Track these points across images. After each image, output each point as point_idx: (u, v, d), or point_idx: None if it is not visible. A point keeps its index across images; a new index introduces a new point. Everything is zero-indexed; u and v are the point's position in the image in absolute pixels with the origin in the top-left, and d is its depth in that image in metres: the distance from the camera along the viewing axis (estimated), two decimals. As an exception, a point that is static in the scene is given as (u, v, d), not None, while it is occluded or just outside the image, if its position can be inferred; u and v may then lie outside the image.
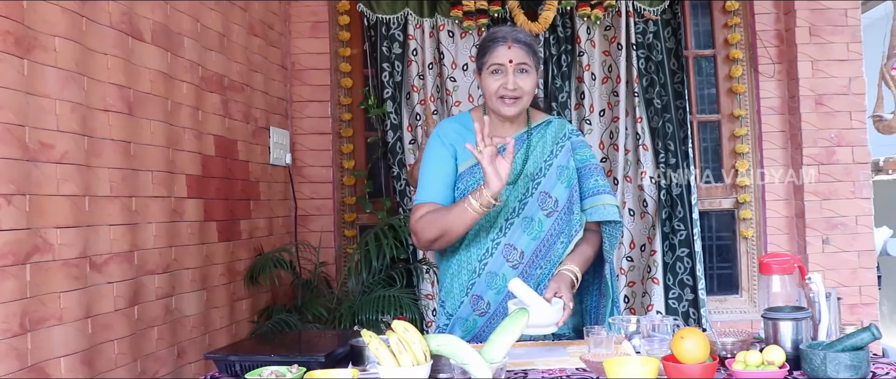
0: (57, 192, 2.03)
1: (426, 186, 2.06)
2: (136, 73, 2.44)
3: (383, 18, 3.87)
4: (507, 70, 1.99)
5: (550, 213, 2.06)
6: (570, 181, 2.09)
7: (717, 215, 4.03)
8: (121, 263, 2.32)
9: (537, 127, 2.13)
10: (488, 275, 2.06)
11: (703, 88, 4.05)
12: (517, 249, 2.05)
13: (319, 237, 3.80)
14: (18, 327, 1.87)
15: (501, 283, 2.05)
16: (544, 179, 2.08)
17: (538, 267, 2.07)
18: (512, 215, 2.06)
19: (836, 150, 3.77)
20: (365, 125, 4.03)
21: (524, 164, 2.08)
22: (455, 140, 2.08)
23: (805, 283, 1.72)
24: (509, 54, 2.00)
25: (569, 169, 2.09)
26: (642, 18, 3.84)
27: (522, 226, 2.05)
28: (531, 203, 2.06)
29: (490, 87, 2.02)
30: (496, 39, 2.02)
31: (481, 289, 2.07)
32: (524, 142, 2.10)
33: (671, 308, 3.76)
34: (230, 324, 3.06)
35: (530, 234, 2.06)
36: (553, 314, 1.68)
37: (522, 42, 2.02)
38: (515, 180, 2.06)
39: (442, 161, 2.07)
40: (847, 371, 1.47)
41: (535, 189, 2.07)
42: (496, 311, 2.06)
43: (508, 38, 2.01)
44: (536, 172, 2.08)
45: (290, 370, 1.58)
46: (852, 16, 3.79)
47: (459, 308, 2.09)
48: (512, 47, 2.00)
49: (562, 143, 2.12)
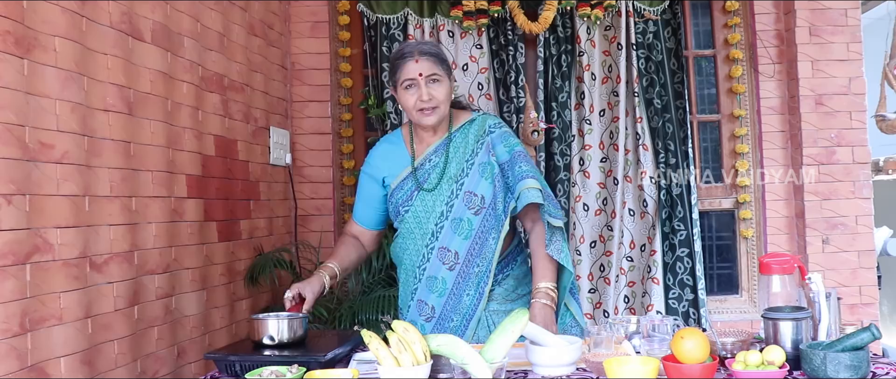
0: (57, 192, 2.03)
1: (356, 205, 2.34)
2: (136, 73, 2.44)
3: (383, 18, 3.87)
4: (419, 83, 2.07)
5: (478, 210, 2.11)
6: (492, 176, 2.12)
7: (717, 215, 4.03)
8: (121, 263, 2.32)
9: (459, 129, 2.19)
10: (428, 279, 2.13)
11: (703, 88, 4.05)
12: (451, 250, 2.11)
13: (319, 237, 3.80)
14: (18, 327, 1.87)
15: (441, 286, 2.12)
16: (467, 179, 2.13)
17: (475, 265, 2.12)
18: (441, 219, 2.12)
19: (836, 150, 3.77)
20: (365, 125, 4.03)
21: (445, 168, 2.14)
22: (380, 165, 2.24)
23: (805, 283, 1.73)
24: (418, 68, 2.07)
25: (490, 165, 2.13)
26: (642, 18, 3.84)
27: (452, 227, 2.11)
28: (458, 204, 2.11)
29: (407, 103, 2.10)
30: (404, 55, 2.10)
31: (424, 294, 2.14)
32: (444, 147, 2.17)
33: (671, 308, 3.76)
34: (230, 324, 3.06)
35: (461, 234, 2.11)
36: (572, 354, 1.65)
37: (428, 53, 2.09)
38: (436, 185, 2.13)
39: (366, 189, 2.29)
40: (847, 371, 1.47)
41: (460, 190, 2.12)
42: (441, 314, 2.13)
43: (414, 52, 2.09)
44: (459, 174, 2.14)
45: (290, 370, 1.58)
46: (852, 16, 3.79)
47: (409, 312, 2.18)
48: (419, 61, 2.07)
49: (482, 141, 2.16)
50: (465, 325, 2.12)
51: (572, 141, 3.84)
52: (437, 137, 2.18)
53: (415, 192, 2.14)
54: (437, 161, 2.15)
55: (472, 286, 2.11)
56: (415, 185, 2.14)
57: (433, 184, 2.13)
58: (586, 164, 3.83)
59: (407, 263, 2.19)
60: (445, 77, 2.11)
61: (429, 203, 2.12)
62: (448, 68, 2.14)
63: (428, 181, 2.14)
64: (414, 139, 2.21)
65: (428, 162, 2.17)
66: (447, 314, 2.12)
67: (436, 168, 2.14)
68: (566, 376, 1.63)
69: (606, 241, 3.80)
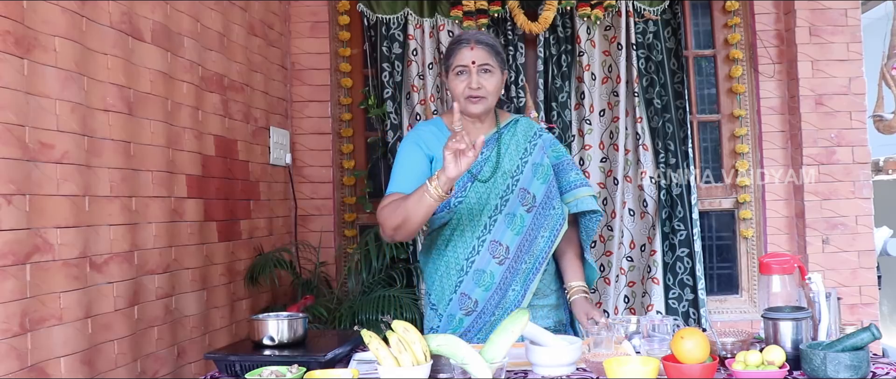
0: (57, 192, 2.03)
1: (396, 180, 2.11)
2: (136, 73, 2.44)
3: (383, 18, 3.87)
4: (471, 71, 2.08)
5: (530, 208, 2.14)
6: (547, 177, 2.18)
7: (717, 215, 4.03)
8: (121, 263, 2.32)
9: (506, 126, 2.21)
10: (476, 272, 2.11)
11: (703, 88, 4.05)
12: (502, 244, 2.11)
13: (319, 237, 3.80)
14: (18, 327, 1.87)
15: (488, 280, 2.10)
16: (522, 176, 2.15)
17: (523, 262, 2.13)
18: (495, 212, 2.12)
19: (836, 150, 3.77)
20: (365, 125, 4.03)
21: (498, 161, 2.15)
22: (429, 142, 2.15)
23: (805, 283, 1.72)
24: (472, 55, 2.09)
25: (543, 166, 2.18)
26: (642, 18, 3.84)
27: (506, 221, 2.12)
28: (512, 199, 2.13)
29: (456, 89, 2.11)
30: (460, 41, 2.12)
31: (469, 287, 2.11)
32: (495, 141, 2.18)
33: (671, 308, 3.76)
34: (230, 324, 3.06)
35: (513, 229, 2.12)
36: (572, 354, 1.66)
37: (484, 43, 2.12)
38: (490, 177, 2.13)
39: (414, 158, 2.13)
40: (847, 371, 1.47)
41: (515, 186, 2.14)
42: (484, 308, 2.11)
43: (471, 39, 2.11)
44: (514, 170, 2.16)
45: (290, 370, 1.58)
46: (852, 16, 3.79)
47: (448, 306, 2.14)
48: (474, 48, 2.09)
49: (534, 142, 2.21)
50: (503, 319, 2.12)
51: (572, 141, 3.84)
52: (485, 130, 2.18)
53: (469, 182, 2.12)
54: (488, 154, 2.15)
55: (519, 282, 2.12)
56: (469, 175, 2.12)
57: (487, 175, 2.13)
58: (586, 164, 3.83)
59: (451, 255, 2.14)
60: (498, 69, 2.13)
61: (483, 195, 2.12)
62: (502, 61, 2.16)
63: (481, 172, 2.14)
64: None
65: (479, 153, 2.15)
66: (489, 309, 2.11)
67: (488, 161, 2.15)
68: (566, 376, 1.63)
69: (606, 241, 3.81)
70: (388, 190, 2.11)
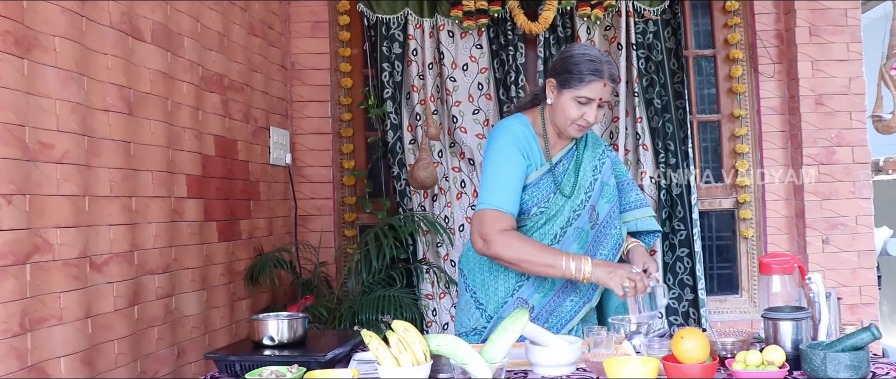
0: (57, 192, 2.03)
1: (501, 192, 2.02)
2: (136, 73, 2.44)
3: (383, 18, 3.87)
4: (593, 105, 2.02)
5: (594, 225, 2.17)
6: (612, 198, 2.20)
7: (717, 215, 4.03)
8: (121, 263, 2.32)
9: (581, 139, 2.20)
10: (538, 280, 2.12)
11: (703, 88, 4.05)
12: None
13: (319, 237, 3.80)
14: (18, 327, 1.87)
15: (549, 286, 2.12)
16: (594, 193, 2.17)
17: None
18: (566, 224, 2.12)
19: (836, 150, 3.77)
20: (365, 125, 4.03)
21: (577, 176, 2.15)
22: (524, 146, 2.09)
23: (805, 283, 1.72)
24: (602, 92, 2.02)
25: (610, 186, 2.20)
26: (642, 18, 3.84)
27: (575, 234, 2.13)
28: (583, 214, 2.14)
29: (570, 113, 2.03)
30: (597, 72, 2.00)
31: (528, 292, 2.13)
32: (573, 154, 2.18)
33: (671, 308, 3.76)
34: (230, 324, 3.06)
35: (579, 242, 2.14)
36: (572, 354, 1.66)
37: (615, 80, 2.05)
38: (571, 192, 2.13)
39: (516, 166, 2.05)
40: (847, 371, 1.47)
41: (588, 201, 2.15)
42: (539, 314, 2.13)
43: (605, 75, 2.01)
44: (588, 186, 2.16)
45: (290, 370, 1.58)
46: (852, 16, 3.79)
47: (501, 309, 2.14)
48: (606, 85, 2.02)
49: (603, 160, 2.21)
50: (557, 329, 2.13)
51: (572, 141, 3.84)
52: (565, 142, 2.17)
53: (551, 194, 2.11)
54: (567, 166, 2.15)
55: (577, 293, 2.14)
56: (553, 186, 2.11)
57: (569, 190, 2.12)
58: (586, 164, 3.83)
59: None
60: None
61: (561, 206, 2.11)
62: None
63: (562, 186, 2.12)
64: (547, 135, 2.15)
65: (560, 164, 2.15)
66: (543, 315, 2.12)
67: (567, 173, 2.14)
68: (566, 376, 1.63)
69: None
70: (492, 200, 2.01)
